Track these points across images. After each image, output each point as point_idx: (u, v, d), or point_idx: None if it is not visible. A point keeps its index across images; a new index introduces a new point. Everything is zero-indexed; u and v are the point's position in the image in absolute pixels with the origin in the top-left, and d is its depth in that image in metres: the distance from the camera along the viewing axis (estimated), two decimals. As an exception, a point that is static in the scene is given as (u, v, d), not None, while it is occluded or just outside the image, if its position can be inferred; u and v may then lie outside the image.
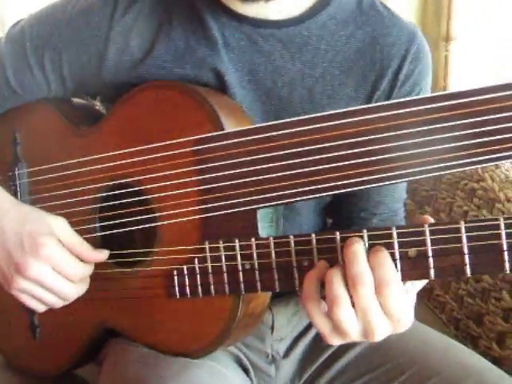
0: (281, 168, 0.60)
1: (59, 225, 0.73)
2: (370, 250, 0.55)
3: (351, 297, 0.54)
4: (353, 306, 0.54)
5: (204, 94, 0.68)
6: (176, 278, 0.68)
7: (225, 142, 0.64)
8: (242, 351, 0.83)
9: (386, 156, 0.56)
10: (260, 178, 0.62)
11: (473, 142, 0.52)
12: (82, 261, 0.73)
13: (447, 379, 0.72)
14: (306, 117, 0.60)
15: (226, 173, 0.64)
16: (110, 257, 0.75)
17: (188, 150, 0.67)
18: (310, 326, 0.88)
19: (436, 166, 0.54)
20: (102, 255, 0.74)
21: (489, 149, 0.52)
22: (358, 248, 0.54)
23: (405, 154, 0.55)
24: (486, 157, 0.52)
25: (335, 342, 0.58)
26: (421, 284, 0.58)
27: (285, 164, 0.60)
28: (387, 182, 0.57)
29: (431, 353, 0.77)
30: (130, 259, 0.73)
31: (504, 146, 0.51)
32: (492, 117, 0.52)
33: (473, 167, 0.53)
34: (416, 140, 0.55)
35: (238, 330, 0.69)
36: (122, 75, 0.76)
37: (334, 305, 0.54)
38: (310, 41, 0.74)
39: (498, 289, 1.01)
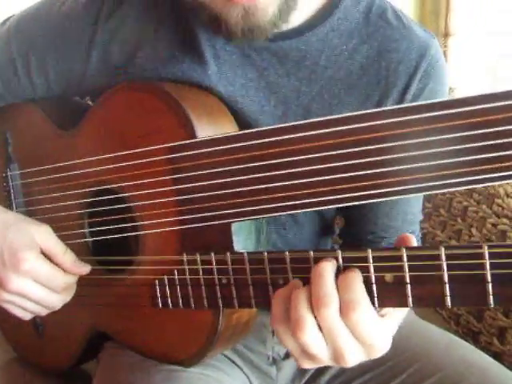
0: (254, 181, 0.55)
1: (42, 233, 0.70)
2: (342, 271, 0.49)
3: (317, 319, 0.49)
4: (321, 329, 0.49)
5: (177, 96, 0.64)
6: (158, 288, 0.65)
7: (199, 151, 0.59)
8: (240, 354, 0.80)
9: (373, 171, 0.49)
10: (231, 191, 0.56)
11: (483, 156, 0.45)
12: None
13: (450, 376, 0.69)
14: (286, 125, 0.53)
15: (200, 184, 0.59)
16: (99, 263, 0.73)
17: (163, 157, 0.62)
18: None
19: (441, 182, 0.46)
20: (84, 269, 0.71)
21: (502, 165, 0.44)
22: (325, 268, 0.49)
23: (409, 167, 0.48)
24: (498, 174, 0.44)
25: (306, 365, 0.53)
26: (404, 311, 0.53)
27: (258, 177, 0.54)
28: (366, 201, 0.50)
29: (433, 350, 0.74)
30: (118, 266, 0.71)
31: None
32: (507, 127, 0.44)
33: (482, 185, 0.46)
34: (421, 151, 0.47)
35: (223, 342, 0.66)
36: (104, 81, 0.72)
37: (295, 327, 0.49)
38: (308, 55, 0.67)
39: (499, 284, 0.97)
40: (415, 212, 0.77)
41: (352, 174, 0.50)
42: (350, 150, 0.50)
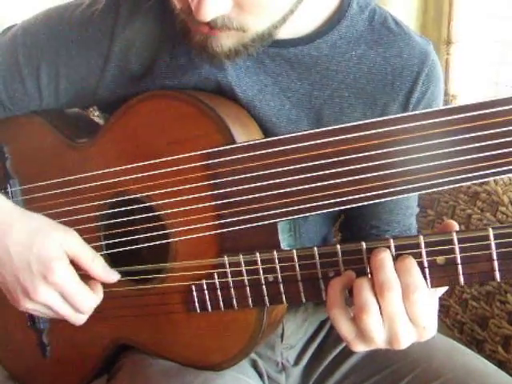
0: (299, 182, 0.64)
1: (69, 240, 0.72)
2: (396, 258, 0.59)
3: (378, 304, 0.57)
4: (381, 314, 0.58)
5: (210, 103, 0.69)
6: (195, 293, 0.71)
7: (238, 156, 0.66)
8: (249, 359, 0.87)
9: (402, 169, 0.60)
10: (278, 192, 0.65)
11: (486, 154, 0.57)
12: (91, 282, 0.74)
13: (450, 382, 0.76)
14: (321, 129, 0.63)
15: (242, 187, 0.66)
16: (123, 274, 0.76)
17: (198, 164, 0.68)
18: (317, 332, 0.92)
19: (449, 178, 0.58)
20: (114, 276, 0.75)
21: (496, 162, 0.57)
22: (385, 255, 0.58)
23: (421, 166, 0.59)
24: (494, 170, 0.57)
25: (359, 348, 0.61)
26: (443, 289, 0.62)
27: (302, 177, 0.63)
28: (406, 195, 0.61)
29: (435, 355, 0.81)
30: (144, 276, 0.75)
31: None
32: (506, 129, 0.56)
33: (485, 179, 0.58)
34: (430, 153, 0.59)
35: (262, 340, 0.73)
36: (121, 91, 0.78)
37: (363, 312, 0.57)
38: (319, 61, 0.75)
39: (503, 292, 1.06)
40: (414, 206, 0.88)
41: (381, 172, 0.61)
42: (378, 152, 0.61)
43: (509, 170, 0.56)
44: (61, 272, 0.70)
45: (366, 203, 0.62)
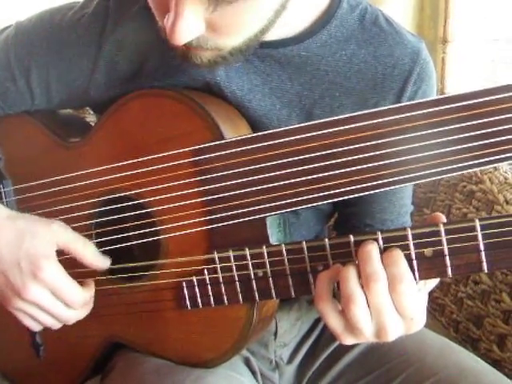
0: (288, 176, 0.64)
1: (55, 231, 0.73)
2: (384, 251, 0.59)
3: (365, 296, 0.57)
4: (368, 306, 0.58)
5: (199, 100, 0.70)
6: (186, 289, 0.71)
7: (227, 152, 0.67)
8: (243, 357, 0.87)
9: (392, 161, 0.60)
10: (267, 186, 0.65)
11: (475, 144, 0.57)
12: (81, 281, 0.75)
13: (444, 380, 0.76)
14: (310, 123, 0.63)
15: (230, 182, 0.67)
16: (113, 272, 0.77)
17: (187, 160, 0.69)
18: (311, 331, 0.93)
19: (439, 169, 0.58)
20: (105, 262, 0.75)
21: (492, 150, 0.57)
22: (372, 247, 0.58)
23: (411, 157, 0.59)
24: (489, 158, 0.57)
25: (348, 341, 0.61)
26: (433, 283, 0.63)
27: (291, 171, 0.64)
28: (393, 186, 0.61)
29: (428, 354, 0.81)
30: (135, 273, 0.75)
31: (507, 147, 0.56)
32: (494, 118, 0.57)
33: (476, 169, 0.59)
34: (420, 143, 0.59)
35: (253, 336, 0.73)
36: (111, 92, 0.78)
37: (349, 302, 0.57)
38: (309, 61, 0.75)
39: (498, 291, 1.06)
40: (408, 204, 0.88)
41: (371, 164, 0.61)
42: (367, 144, 0.61)
43: (495, 160, 0.56)
44: (50, 269, 0.71)
45: (356, 195, 0.62)
